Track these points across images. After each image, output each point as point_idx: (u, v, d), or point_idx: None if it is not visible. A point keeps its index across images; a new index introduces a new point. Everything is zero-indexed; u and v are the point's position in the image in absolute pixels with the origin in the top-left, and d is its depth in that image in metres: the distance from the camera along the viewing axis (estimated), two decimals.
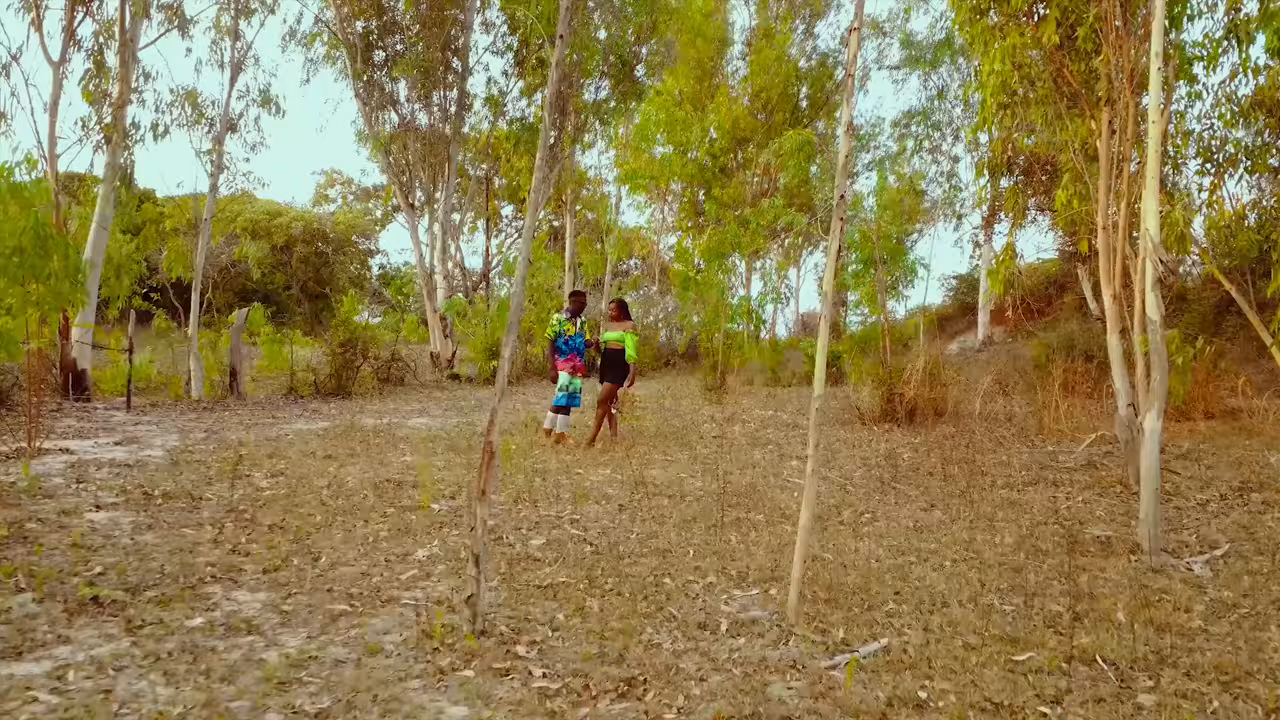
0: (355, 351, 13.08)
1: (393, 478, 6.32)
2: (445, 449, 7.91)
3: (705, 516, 5.42)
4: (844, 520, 5.53)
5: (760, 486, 6.51)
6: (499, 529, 4.89)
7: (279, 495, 5.63)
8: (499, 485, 6.14)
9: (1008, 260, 9.32)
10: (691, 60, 26.57)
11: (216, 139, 13.20)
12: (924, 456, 8.20)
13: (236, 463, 6.28)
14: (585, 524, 5.10)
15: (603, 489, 6.22)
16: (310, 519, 4.99)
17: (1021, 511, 5.98)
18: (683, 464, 7.49)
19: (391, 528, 4.86)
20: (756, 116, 27.43)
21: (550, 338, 8.34)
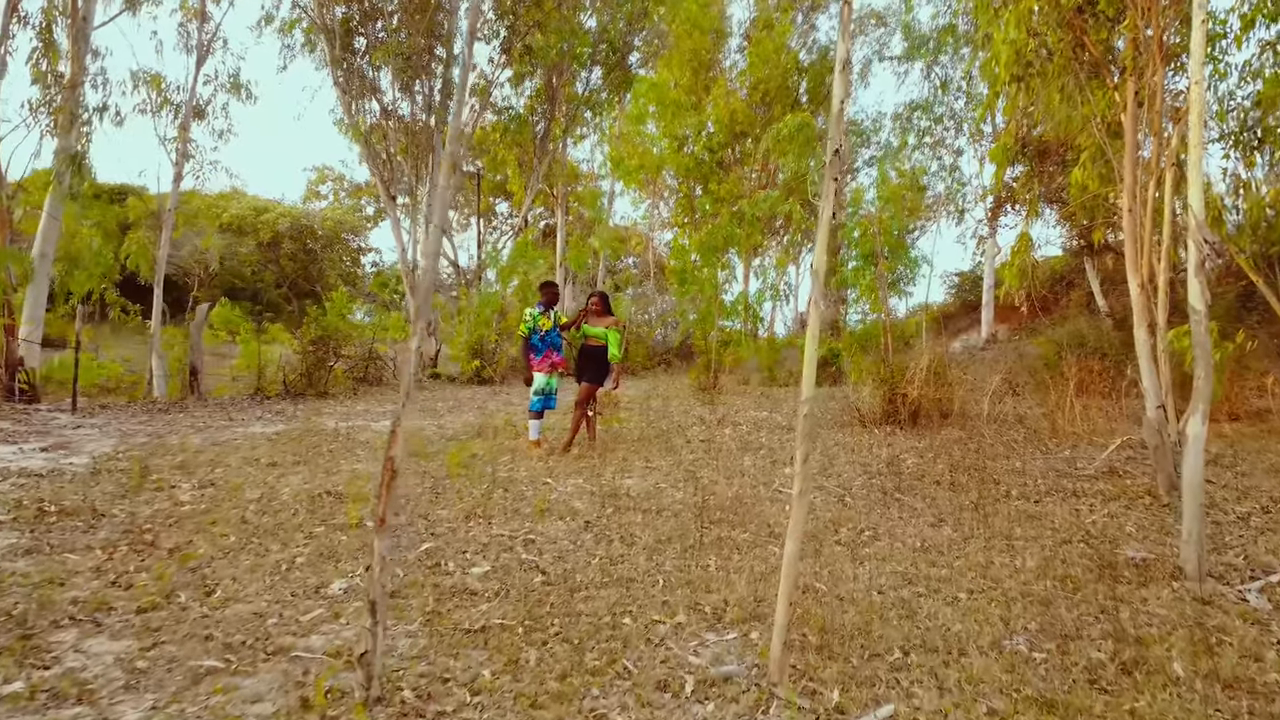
0: (328, 349, 12.40)
1: (335, 489, 5.63)
2: (405, 454, 7.20)
3: (682, 535, 4.73)
4: (841, 539, 4.84)
5: (747, 498, 5.81)
6: (439, 553, 4.21)
7: (198, 510, 4.94)
8: (451, 500, 5.45)
9: (1023, 250, 8.61)
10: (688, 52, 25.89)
11: (182, 125, 12.52)
12: (929, 463, 7.51)
13: (142, 474, 5.58)
14: (541, 546, 4.41)
15: (570, 502, 5.53)
16: (222, 540, 4.30)
17: (1042, 527, 5.30)
18: (664, 472, 6.80)
19: (314, 551, 4.17)
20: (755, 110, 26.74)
21: (524, 335, 7.61)
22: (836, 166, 2.84)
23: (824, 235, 2.85)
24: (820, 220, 2.84)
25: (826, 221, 2.84)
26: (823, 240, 2.84)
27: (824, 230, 2.84)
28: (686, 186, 27.49)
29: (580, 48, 18.71)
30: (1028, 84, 6.88)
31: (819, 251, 2.86)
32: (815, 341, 2.84)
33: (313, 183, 36.93)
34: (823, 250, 2.85)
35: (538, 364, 7.56)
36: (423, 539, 4.46)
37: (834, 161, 2.83)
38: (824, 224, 2.84)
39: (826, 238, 2.84)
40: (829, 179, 2.84)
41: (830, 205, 2.83)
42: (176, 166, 12.38)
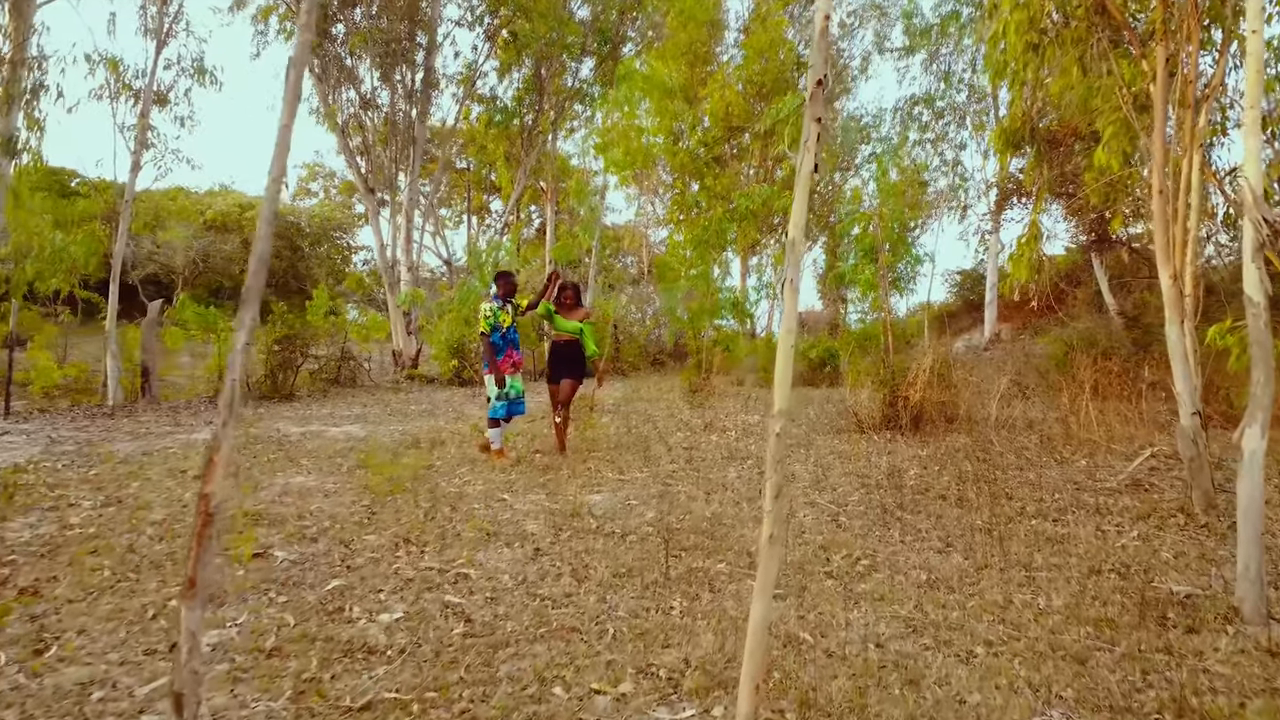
0: (295, 350, 11.69)
1: (254, 508, 4.92)
2: (352, 466, 6.51)
3: (646, 567, 4.02)
4: (833, 570, 4.13)
5: (727, 519, 5.11)
6: (348, 593, 3.50)
7: (85, 535, 4.24)
8: (387, 521, 4.74)
9: (1032, 241, 7.91)
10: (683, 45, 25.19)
11: (141, 112, 11.81)
12: (934, 474, 6.80)
13: (8, 493, 4.85)
14: (475, 582, 3.70)
15: (522, 523, 4.82)
16: (92, 575, 3.59)
17: (1065, 553, 4.59)
18: (639, 485, 6.09)
19: None
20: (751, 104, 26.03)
21: (485, 332, 6.87)
22: (820, 102, 2.13)
23: (803, 192, 2.14)
24: (799, 171, 2.14)
25: (807, 175, 2.14)
26: (802, 197, 2.13)
27: (803, 185, 2.14)
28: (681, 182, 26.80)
29: (569, 36, 18.01)
30: (1044, 53, 6.17)
31: (797, 211, 2.15)
32: (792, 337, 2.13)
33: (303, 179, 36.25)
34: (802, 210, 2.14)
35: (500, 364, 6.85)
36: (334, 573, 3.75)
37: (816, 95, 2.13)
38: (803, 177, 2.13)
39: (806, 195, 2.14)
40: (810, 119, 2.13)
41: (812, 153, 2.12)
42: (134, 155, 11.67)
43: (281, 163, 1.95)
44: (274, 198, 1.94)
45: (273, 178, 1.93)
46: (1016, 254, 8.21)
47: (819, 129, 2.13)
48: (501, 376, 6.72)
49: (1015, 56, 6.23)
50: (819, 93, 2.13)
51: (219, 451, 1.87)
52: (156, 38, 11.84)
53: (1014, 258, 8.23)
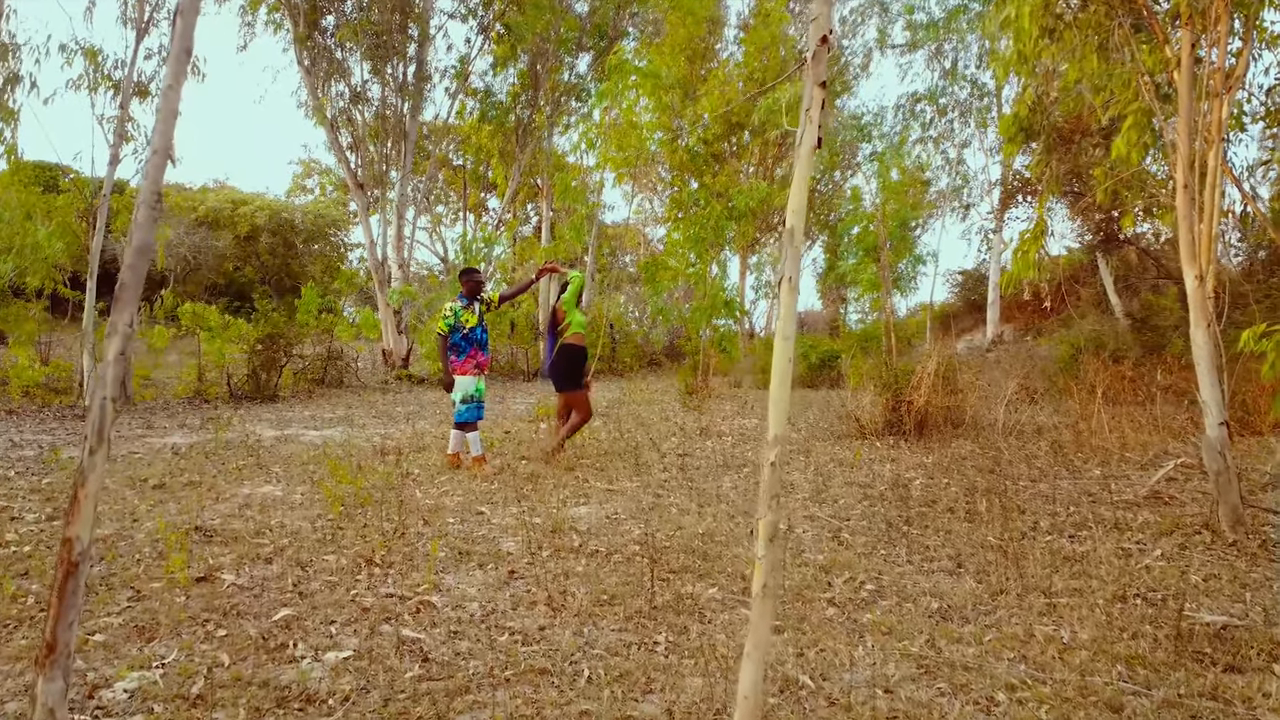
0: (278, 349, 11.33)
1: (210, 523, 4.56)
2: (324, 474, 6.14)
3: (631, 592, 3.67)
4: (835, 598, 3.77)
5: (721, 535, 4.75)
6: (296, 625, 3.14)
7: (18, 555, 3.87)
8: (352, 539, 4.38)
9: (1037, 238, 7.54)
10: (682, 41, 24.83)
11: (121, 104, 11.43)
12: (941, 484, 6.45)
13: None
14: (439, 612, 3.34)
15: (499, 541, 4.46)
16: (10, 607, 3.23)
17: (1086, 575, 4.23)
18: (628, 496, 5.73)
19: (125, 622, 3.10)
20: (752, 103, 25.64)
21: (443, 332, 6.54)
22: (823, 63, 1.77)
23: (803, 171, 1.78)
24: (800, 147, 1.77)
25: (809, 152, 1.78)
26: (802, 177, 1.77)
27: (804, 163, 1.78)
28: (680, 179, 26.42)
29: (566, 30, 17.64)
30: (1059, 38, 5.81)
31: (795, 195, 1.79)
32: (790, 343, 1.78)
33: (298, 176, 35.87)
34: (801, 194, 1.78)
35: (460, 365, 6.51)
36: (285, 600, 3.39)
37: (820, 54, 1.77)
38: (804, 154, 1.77)
39: (806, 175, 1.78)
40: (813, 83, 1.77)
41: (815, 124, 1.76)
42: (113, 148, 11.29)
43: (167, 132, 1.59)
44: (157, 174, 1.58)
45: (154, 149, 1.57)
46: (1019, 250, 7.86)
47: (823, 95, 1.77)
48: (450, 381, 6.41)
49: (1029, 42, 5.87)
50: (822, 51, 1.77)
51: (84, 487, 1.51)
52: (137, 26, 11.47)
53: (1017, 254, 7.88)
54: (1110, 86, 6.45)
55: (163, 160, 1.58)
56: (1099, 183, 8.03)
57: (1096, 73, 5.92)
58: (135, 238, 1.57)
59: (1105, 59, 6.07)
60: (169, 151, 1.60)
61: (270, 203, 29.41)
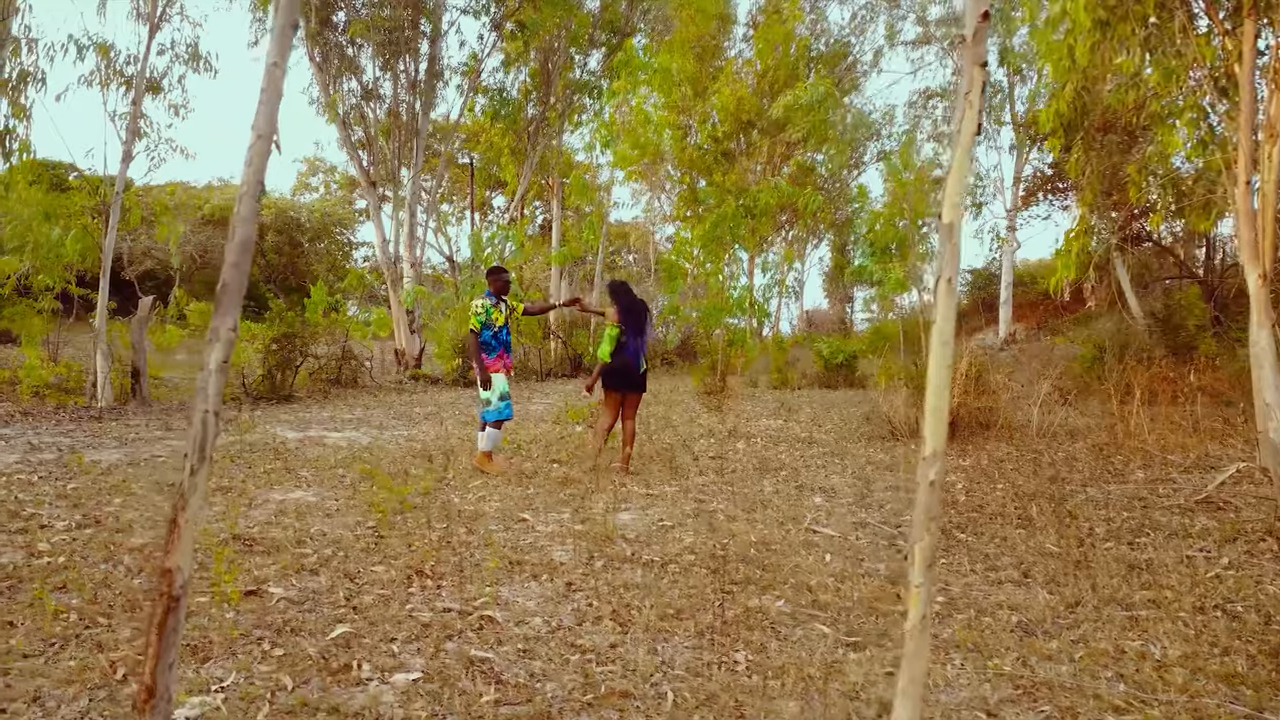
0: (294, 348, 11.17)
1: (248, 531, 4.40)
2: (356, 479, 5.98)
3: (696, 607, 3.50)
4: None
5: (775, 543, 4.59)
6: (355, 643, 2.98)
7: (53, 566, 3.71)
8: (396, 547, 4.22)
9: (1082, 236, 7.40)
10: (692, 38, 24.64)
11: (134, 100, 11.26)
12: (985, 489, 6.29)
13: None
14: (503, 629, 3.18)
15: (548, 550, 4.30)
16: (54, 623, 3.07)
17: (1157, 585, 4.08)
18: (669, 502, 5.57)
19: None
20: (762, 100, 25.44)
21: (475, 330, 6.38)
22: (984, 41, 1.61)
23: (963, 160, 1.61)
24: (960, 134, 1.61)
25: (969, 139, 1.61)
26: (961, 165, 1.61)
27: (964, 149, 1.61)
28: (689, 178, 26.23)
29: (579, 28, 17.46)
30: (1113, 30, 5.65)
31: (953, 188, 1.62)
32: (949, 348, 1.62)
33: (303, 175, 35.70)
34: (959, 187, 1.61)
35: (491, 364, 6.36)
36: (338, 615, 3.23)
37: (981, 32, 1.61)
38: (964, 141, 1.61)
39: (966, 164, 1.62)
40: (973, 63, 1.61)
41: (976, 109, 1.60)
42: (126, 145, 11.11)
43: (271, 114, 1.42)
44: (261, 161, 1.42)
45: (258, 133, 1.41)
46: (1064, 249, 7.71)
47: (984, 77, 1.61)
48: (488, 377, 6.26)
49: (1082, 34, 5.71)
50: (984, 28, 1.61)
51: (184, 511, 1.34)
52: (150, 21, 11.29)
53: (1061, 253, 7.73)
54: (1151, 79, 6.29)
55: (267, 146, 1.42)
56: (1132, 180, 7.88)
57: (1155, 66, 5.76)
58: (239, 232, 1.40)
59: (1153, 51, 5.91)
60: (273, 136, 1.43)
61: (276, 201, 29.25)
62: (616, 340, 6.44)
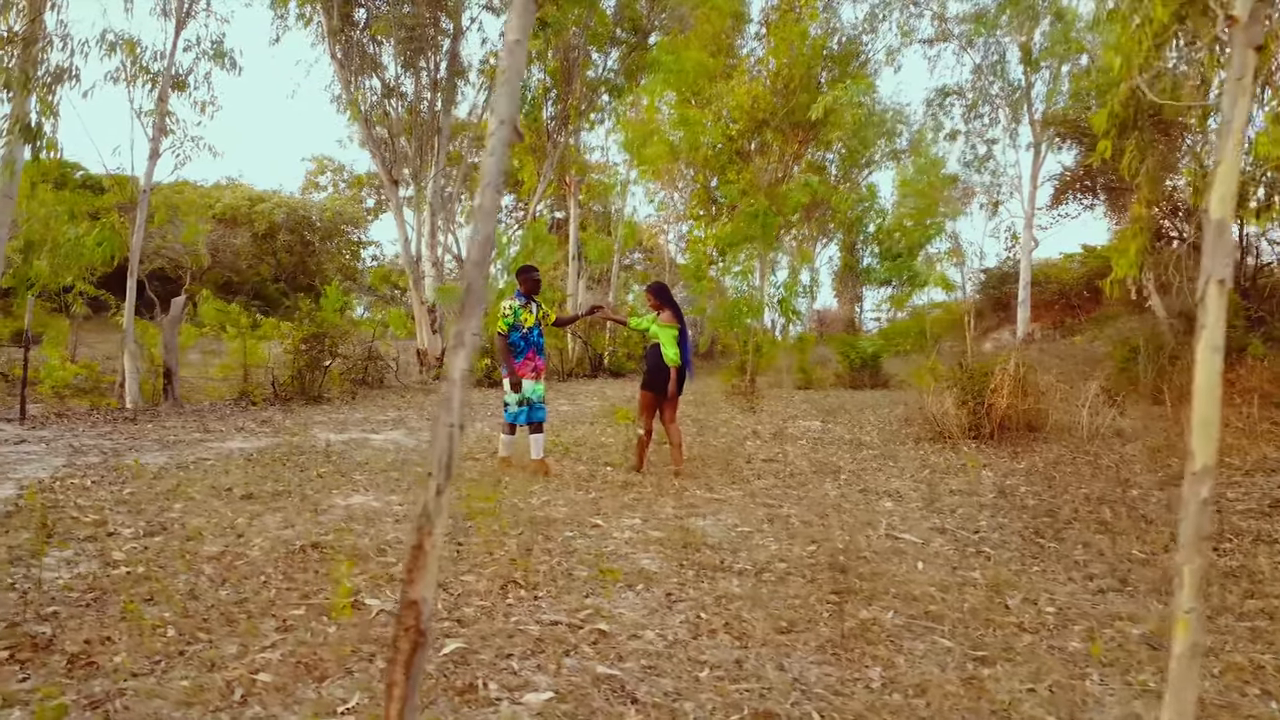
0: (323, 348, 11.04)
1: (323, 538, 4.27)
2: (413, 481, 5.86)
3: (806, 618, 3.38)
4: (1024, 621, 3.48)
5: (863, 549, 4.46)
6: (471, 659, 2.85)
7: (134, 576, 3.58)
8: (478, 555, 4.09)
9: (1139, 234, 7.26)
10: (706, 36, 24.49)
11: (160, 97, 11.13)
12: (1050, 492, 6.17)
13: (46, 529, 4.16)
14: (618, 643, 3.06)
15: (634, 558, 4.17)
16: (155, 636, 2.94)
17: (1261, 594, 3.97)
18: (736, 506, 5.44)
19: (286, 657, 2.81)
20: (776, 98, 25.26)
21: (503, 332, 6.25)
22: (1260, 23, 1.48)
23: (1234, 152, 1.48)
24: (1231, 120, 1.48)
25: (1240, 129, 1.48)
26: (1233, 157, 1.48)
27: (1235, 139, 1.48)
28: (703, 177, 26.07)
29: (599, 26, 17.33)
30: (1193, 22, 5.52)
31: (1223, 179, 1.49)
32: (1219, 355, 1.49)
33: (311, 173, 35.55)
34: (1230, 179, 1.48)
35: (519, 367, 6.25)
36: (444, 629, 3.10)
37: (1258, 14, 1.48)
38: (1238, 128, 1.48)
39: (1238, 156, 1.49)
40: (1243, 47, 1.48)
41: (1249, 96, 1.47)
42: (153, 142, 10.98)
43: (512, 98, 1.29)
44: (503, 150, 1.29)
45: (500, 119, 1.28)
46: (1120, 247, 7.57)
47: (1256, 62, 1.48)
48: (518, 380, 6.14)
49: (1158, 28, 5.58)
50: (1261, 9, 1.48)
51: (430, 535, 1.22)
52: (176, 17, 11.17)
53: (1117, 251, 7.59)
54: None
55: (509, 132, 1.29)
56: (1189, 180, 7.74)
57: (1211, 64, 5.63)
58: (481, 228, 1.27)
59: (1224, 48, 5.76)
60: (515, 121, 1.30)
61: (288, 200, 29.10)
62: (676, 341, 6.33)
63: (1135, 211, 7.42)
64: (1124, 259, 7.29)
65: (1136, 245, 7.20)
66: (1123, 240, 7.38)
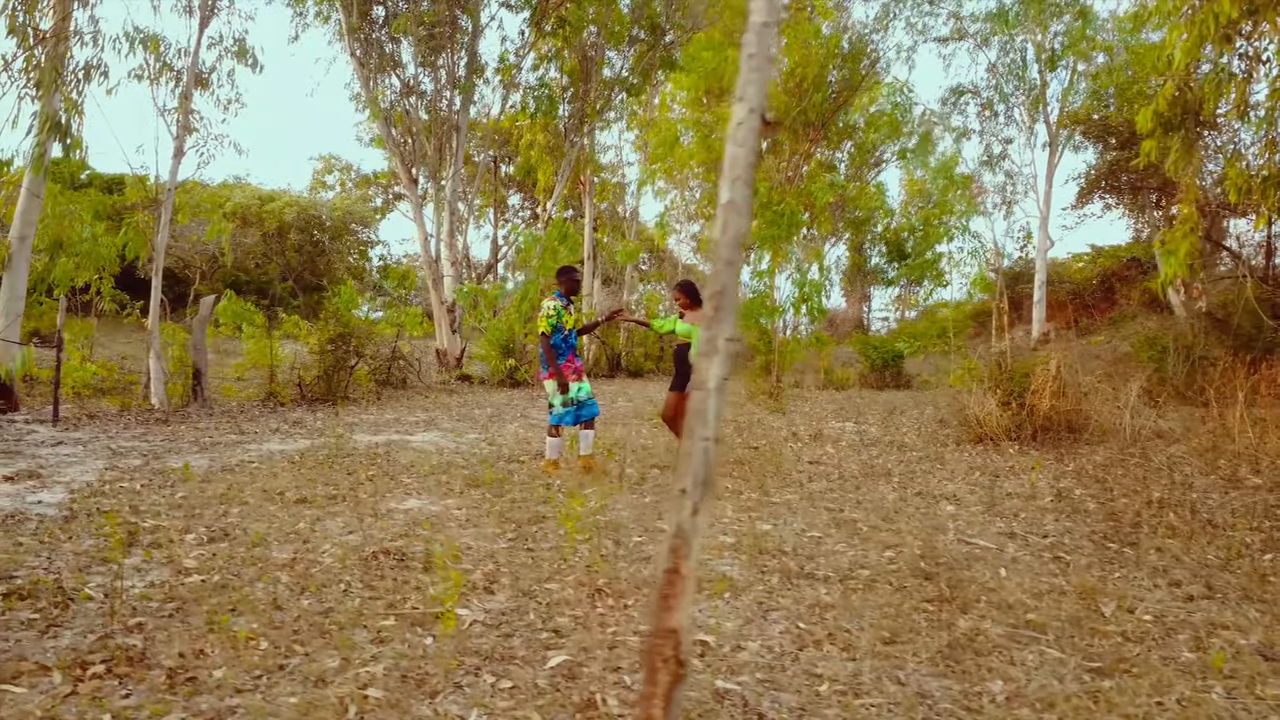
0: (348, 349, 10.94)
1: (392, 544, 4.18)
2: (464, 484, 5.77)
3: (906, 627, 3.29)
4: (1126, 630, 3.38)
5: (941, 555, 4.37)
6: (579, 672, 2.75)
7: (208, 585, 3.49)
8: (551, 560, 4.00)
9: (1190, 233, 7.17)
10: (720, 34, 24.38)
11: (183, 94, 11.03)
12: (1111, 496, 6.07)
13: (128, 538, 4.07)
14: (724, 655, 2.97)
15: (709, 564, 4.08)
16: (249, 650, 2.84)
17: None
18: (798, 510, 5.35)
19: (390, 670, 2.72)
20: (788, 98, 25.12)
21: (546, 332, 6.14)
22: None
23: None
24: None
25: None
26: None
27: None
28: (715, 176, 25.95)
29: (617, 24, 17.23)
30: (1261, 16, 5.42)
31: None
32: None
33: (318, 172, 35.46)
34: None
35: (563, 367, 6.17)
36: (543, 641, 3.01)
37: None
38: None
39: None
40: None
41: None
42: (177, 140, 10.88)
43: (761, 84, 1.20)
44: (752, 140, 1.19)
45: (750, 108, 1.18)
46: (1170, 248, 7.49)
47: None
48: (565, 381, 6.05)
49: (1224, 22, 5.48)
50: None
51: (686, 558, 1.12)
52: (201, 13, 11.07)
53: (1166, 250, 7.51)
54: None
55: (758, 121, 1.19)
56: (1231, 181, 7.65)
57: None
58: (732, 226, 1.17)
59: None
60: (763, 110, 1.21)
61: (298, 199, 29.01)
62: None
63: (1184, 211, 7.33)
64: (1173, 259, 7.21)
65: (1187, 245, 7.12)
66: (1172, 240, 7.30)
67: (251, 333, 13.65)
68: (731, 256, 1.18)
